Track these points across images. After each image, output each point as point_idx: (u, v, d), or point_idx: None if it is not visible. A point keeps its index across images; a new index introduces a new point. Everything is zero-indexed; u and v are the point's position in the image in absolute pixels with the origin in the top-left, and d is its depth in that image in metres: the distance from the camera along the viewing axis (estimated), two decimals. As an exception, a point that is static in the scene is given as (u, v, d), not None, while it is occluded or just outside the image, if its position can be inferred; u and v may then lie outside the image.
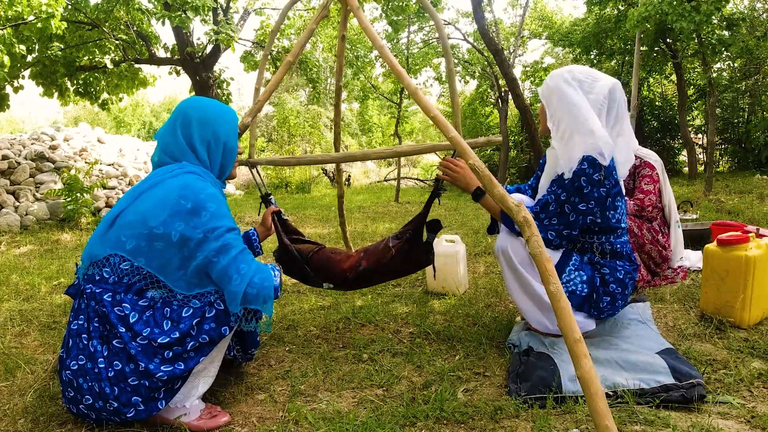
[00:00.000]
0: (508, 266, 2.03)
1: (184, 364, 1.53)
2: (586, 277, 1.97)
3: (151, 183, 1.65)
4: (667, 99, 12.99)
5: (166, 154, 1.73)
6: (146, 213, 1.57)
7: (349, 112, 23.32)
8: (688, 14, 6.01)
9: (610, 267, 1.99)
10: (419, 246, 2.15)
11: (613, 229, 1.99)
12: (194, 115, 1.73)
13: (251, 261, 1.60)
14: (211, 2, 6.53)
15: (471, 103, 15.25)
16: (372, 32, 2.04)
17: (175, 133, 1.72)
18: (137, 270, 1.56)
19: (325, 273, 2.21)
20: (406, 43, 11.13)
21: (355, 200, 8.90)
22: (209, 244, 1.54)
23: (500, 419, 1.59)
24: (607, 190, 1.91)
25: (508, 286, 2.07)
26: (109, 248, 1.57)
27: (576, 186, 1.88)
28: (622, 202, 2.02)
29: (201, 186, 1.61)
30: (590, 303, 1.98)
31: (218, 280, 1.57)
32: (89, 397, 1.51)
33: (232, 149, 1.81)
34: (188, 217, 1.55)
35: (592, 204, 1.89)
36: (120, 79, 8.36)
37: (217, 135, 1.75)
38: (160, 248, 1.55)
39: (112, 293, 1.54)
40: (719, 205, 5.40)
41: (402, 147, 2.27)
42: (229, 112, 1.82)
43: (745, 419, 1.50)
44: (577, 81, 1.95)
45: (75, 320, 1.57)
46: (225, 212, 1.61)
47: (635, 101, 6.71)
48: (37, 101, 20.87)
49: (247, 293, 1.53)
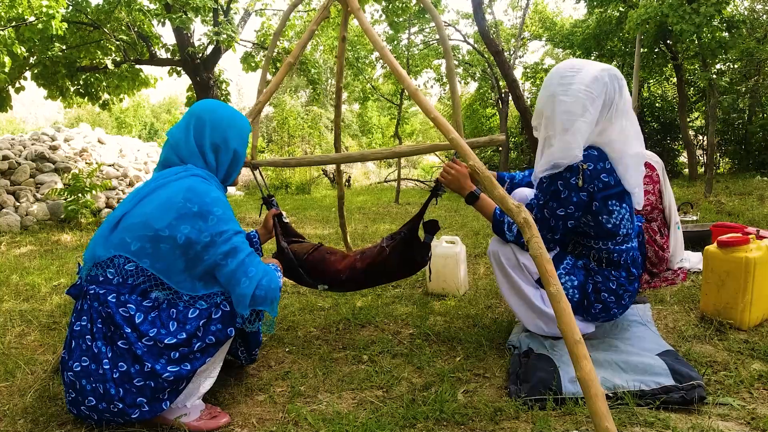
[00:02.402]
0: (500, 270, 2.02)
1: (190, 364, 1.53)
2: (578, 282, 1.94)
3: (156, 185, 1.65)
4: (667, 100, 13.00)
5: (175, 153, 1.74)
6: (151, 215, 1.57)
7: (349, 113, 23.33)
8: (688, 16, 6.02)
9: (603, 276, 1.93)
10: (414, 246, 2.13)
11: (611, 234, 1.89)
12: (208, 119, 1.75)
13: (258, 264, 1.61)
14: (212, 3, 6.53)
15: (471, 104, 15.26)
16: (372, 33, 2.04)
17: (187, 134, 1.74)
18: (142, 271, 1.56)
19: (319, 273, 2.20)
20: (406, 45, 11.14)
21: (355, 201, 8.90)
22: (217, 248, 1.56)
23: (500, 421, 1.59)
24: (589, 194, 1.81)
25: (501, 290, 2.07)
26: (113, 249, 1.57)
27: (552, 190, 1.83)
28: (623, 206, 1.89)
29: (206, 189, 1.61)
30: (582, 309, 1.97)
31: (226, 283, 1.58)
32: (92, 399, 1.50)
33: (240, 157, 1.83)
34: (194, 220, 1.55)
35: (571, 209, 1.82)
36: (121, 80, 8.36)
37: (227, 141, 1.77)
38: (166, 250, 1.55)
39: (116, 294, 1.54)
40: (719, 207, 5.41)
41: (401, 147, 2.26)
42: (242, 120, 1.84)
43: (745, 421, 1.50)
44: (559, 76, 1.83)
45: (78, 321, 1.56)
46: (231, 216, 1.63)
47: (636, 102, 6.72)
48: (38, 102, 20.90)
49: (256, 295, 1.56)
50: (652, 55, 9.86)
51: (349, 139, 22.24)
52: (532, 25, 14.24)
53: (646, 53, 9.58)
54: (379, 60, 11.60)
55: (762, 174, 9.19)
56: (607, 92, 1.79)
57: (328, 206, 8.08)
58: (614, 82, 1.80)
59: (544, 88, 1.89)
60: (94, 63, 8.00)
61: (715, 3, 5.86)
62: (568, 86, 1.78)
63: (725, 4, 6.04)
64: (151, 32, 8.35)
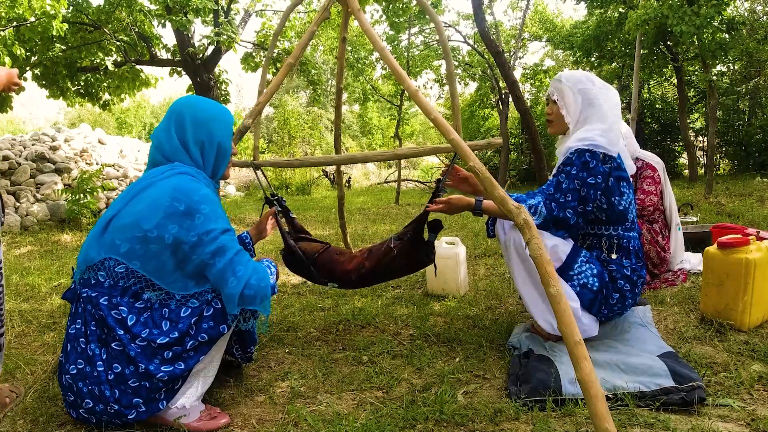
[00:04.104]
0: (519, 257, 1.97)
1: (184, 363, 1.53)
2: (597, 270, 1.97)
3: (144, 185, 1.64)
4: (667, 101, 13.01)
5: (160, 154, 1.71)
6: (140, 215, 1.56)
7: (349, 113, 23.35)
8: (688, 17, 6.03)
9: (617, 264, 2.01)
10: (420, 246, 2.18)
11: (621, 218, 2.01)
12: (189, 115, 1.71)
13: (247, 262, 1.59)
14: (212, 4, 6.54)
15: (471, 105, 15.27)
16: (373, 34, 2.04)
17: (169, 132, 1.71)
18: (132, 273, 1.55)
19: (328, 273, 2.28)
20: (406, 46, 11.14)
21: (355, 202, 8.90)
22: (205, 248, 1.54)
23: (500, 422, 1.59)
24: (609, 168, 1.96)
25: (516, 280, 2.02)
26: (104, 252, 1.56)
27: (583, 161, 1.94)
28: (630, 193, 2.04)
29: (194, 187, 1.59)
30: (600, 300, 1.96)
31: (215, 282, 1.57)
32: (89, 401, 1.51)
33: (226, 150, 1.78)
34: (182, 219, 1.54)
35: (599, 179, 1.94)
36: (121, 81, 8.37)
37: (211, 136, 1.73)
38: (155, 251, 1.54)
39: (108, 297, 1.54)
40: (719, 208, 5.41)
41: (401, 150, 2.27)
42: (224, 112, 1.79)
43: (745, 422, 1.50)
44: (594, 84, 2.08)
45: (72, 324, 1.57)
46: (219, 213, 1.60)
47: (635, 104, 6.72)
48: (38, 102, 20.90)
49: (244, 294, 1.53)
50: (652, 57, 9.86)
51: (349, 139, 22.26)
52: (532, 26, 14.25)
53: (646, 54, 9.59)
54: (379, 61, 11.61)
55: (762, 175, 9.19)
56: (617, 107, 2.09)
57: (328, 207, 8.08)
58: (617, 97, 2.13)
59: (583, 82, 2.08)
60: (95, 63, 8.01)
61: (715, 4, 5.86)
62: (607, 91, 2.08)
63: (725, 6, 6.04)
64: (151, 33, 8.35)
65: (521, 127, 12.72)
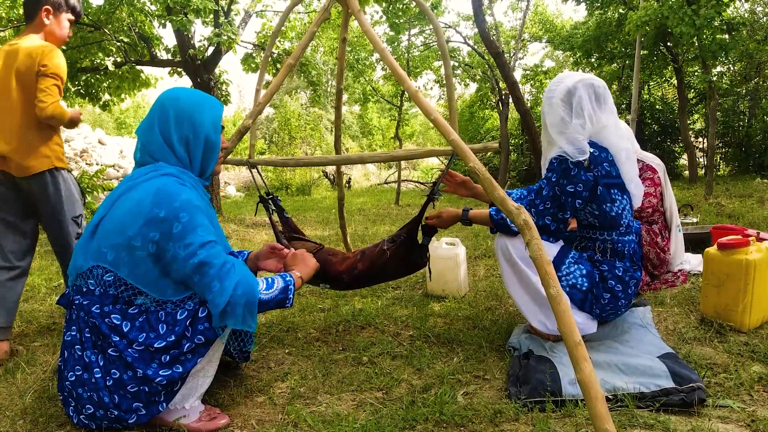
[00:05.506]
0: (508, 262, 2.04)
1: (182, 366, 1.52)
2: (585, 270, 1.99)
3: (127, 187, 1.58)
4: (667, 102, 13.01)
5: (147, 152, 1.64)
6: (123, 221, 1.51)
7: (349, 114, 23.35)
8: (688, 18, 6.03)
9: (609, 265, 2.01)
10: (414, 249, 2.18)
11: (615, 223, 1.99)
12: (171, 110, 1.62)
13: (232, 277, 1.48)
14: (213, 5, 6.54)
15: (471, 105, 15.28)
16: (373, 35, 2.04)
17: (152, 130, 1.62)
18: (121, 281, 1.52)
19: (322, 274, 2.26)
20: (406, 46, 11.15)
21: (355, 203, 8.91)
22: (183, 263, 1.48)
23: (500, 422, 1.58)
24: (595, 176, 1.92)
25: (507, 284, 2.08)
26: (91, 260, 1.53)
27: (563, 167, 1.93)
28: (624, 198, 2.01)
29: (175, 191, 1.51)
30: (591, 300, 1.98)
31: (200, 295, 1.53)
32: (90, 407, 1.50)
33: (214, 145, 1.68)
34: (161, 225, 1.48)
35: (580, 187, 1.91)
36: (122, 81, 8.36)
37: (196, 131, 1.63)
38: (141, 257, 1.50)
39: (99, 305, 1.51)
40: (719, 209, 5.41)
41: (400, 151, 2.29)
42: (209, 102, 1.69)
43: (745, 423, 1.50)
44: (546, 89, 2.05)
45: (68, 331, 1.55)
46: (199, 221, 1.50)
47: (635, 105, 6.72)
48: (39, 103, 20.78)
49: (226, 312, 1.47)
50: (652, 57, 9.87)
51: (349, 140, 22.27)
52: (532, 27, 14.26)
53: (646, 55, 9.59)
54: (379, 61, 11.61)
55: (762, 176, 9.19)
56: (583, 100, 1.95)
57: (328, 207, 8.08)
58: (589, 89, 1.96)
59: (546, 100, 2.06)
60: (95, 64, 8.01)
61: (715, 5, 5.87)
62: (549, 99, 2.00)
63: (725, 6, 6.05)
64: (151, 33, 8.35)
65: (521, 128, 12.72)
